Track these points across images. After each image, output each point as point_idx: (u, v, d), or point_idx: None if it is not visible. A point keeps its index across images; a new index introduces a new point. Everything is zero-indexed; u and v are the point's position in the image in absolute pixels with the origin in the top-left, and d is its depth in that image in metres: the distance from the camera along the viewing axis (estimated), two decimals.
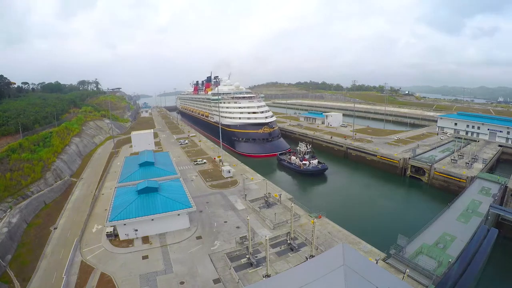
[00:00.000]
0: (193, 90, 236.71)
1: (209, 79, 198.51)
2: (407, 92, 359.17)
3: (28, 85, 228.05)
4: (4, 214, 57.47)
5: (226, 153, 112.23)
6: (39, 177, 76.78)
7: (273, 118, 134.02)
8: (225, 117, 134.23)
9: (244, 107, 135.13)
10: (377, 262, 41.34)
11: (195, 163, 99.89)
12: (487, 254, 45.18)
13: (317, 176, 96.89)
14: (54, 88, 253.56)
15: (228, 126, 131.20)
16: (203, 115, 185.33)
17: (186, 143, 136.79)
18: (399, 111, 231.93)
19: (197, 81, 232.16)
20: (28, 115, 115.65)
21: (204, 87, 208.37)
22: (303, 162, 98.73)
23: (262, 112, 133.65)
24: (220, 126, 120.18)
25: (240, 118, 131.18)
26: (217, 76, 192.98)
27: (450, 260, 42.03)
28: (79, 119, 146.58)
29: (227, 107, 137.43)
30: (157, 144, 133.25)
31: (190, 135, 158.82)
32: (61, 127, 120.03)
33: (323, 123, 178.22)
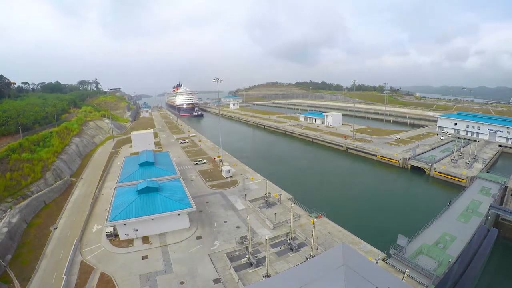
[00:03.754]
0: (173, 89, 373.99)
1: (178, 85, 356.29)
2: (407, 92, 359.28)
3: (28, 85, 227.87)
4: (4, 214, 57.41)
5: (226, 153, 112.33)
6: (39, 177, 76.72)
7: (195, 101, 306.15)
8: (177, 101, 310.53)
9: (183, 97, 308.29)
10: (377, 262, 41.36)
11: (195, 163, 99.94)
12: (487, 254, 45.18)
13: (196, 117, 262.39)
14: (54, 88, 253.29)
15: (178, 104, 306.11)
16: (173, 103, 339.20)
17: (186, 142, 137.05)
18: (399, 111, 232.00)
19: (177, 84, 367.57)
20: (28, 115, 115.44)
21: (175, 88, 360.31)
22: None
23: (189, 98, 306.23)
24: (219, 117, 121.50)
25: (181, 101, 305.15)
26: (181, 84, 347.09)
27: (450, 260, 42.06)
28: (79, 119, 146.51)
29: (178, 97, 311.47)
30: (157, 144, 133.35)
31: (190, 135, 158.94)
32: (61, 127, 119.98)
33: (323, 123, 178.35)
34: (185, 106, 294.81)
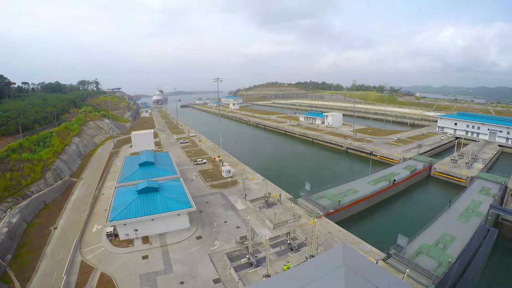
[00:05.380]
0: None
1: (160, 90, 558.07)
2: (407, 92, 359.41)
3: (28, 85, 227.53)
4: (4, 214, 57.43)
5: (226, 153, 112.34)
6: (39, 177, 76.72)
7: (160, 98, 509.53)
8: (156, 97, 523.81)
9: (156, 95, 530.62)
10: (377, 262, 41.37)
11: (195, 163, 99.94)
12: (487, 254, 45.18)
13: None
14: (54, 88, 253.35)
15: (154, 100, 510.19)
16: (156, 98, 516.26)
17: (186, 142, 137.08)
18: (399, 111, 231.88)
19: (160, 90, 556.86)
20: (28, 115, 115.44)
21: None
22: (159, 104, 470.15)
23: (158, 96, 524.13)
24: (219, 117, 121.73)
25: (155, 98, 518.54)
26: (158, 89, 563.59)
27: (450, 260, 42.02)
28: (79, 119, 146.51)
29: (155, 94, 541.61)
30: (157, 144, 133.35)
31: (190, 135, 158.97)
32: (61, 127, 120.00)
33: (323, 123, 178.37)
34: (157, 100, 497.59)
